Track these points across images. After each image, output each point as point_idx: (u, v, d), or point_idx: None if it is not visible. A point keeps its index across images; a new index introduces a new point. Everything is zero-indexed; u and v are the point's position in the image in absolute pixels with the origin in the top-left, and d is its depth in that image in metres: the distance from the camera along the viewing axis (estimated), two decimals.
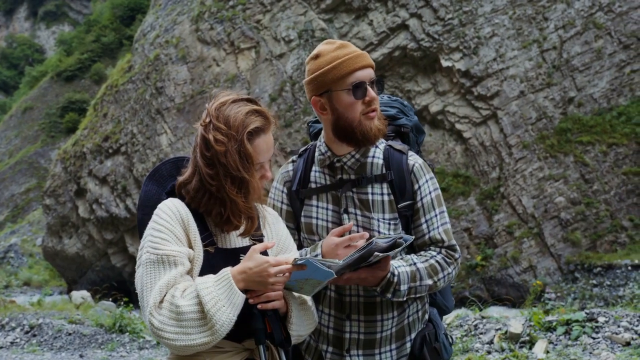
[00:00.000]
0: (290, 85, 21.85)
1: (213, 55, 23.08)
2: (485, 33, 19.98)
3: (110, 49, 50.59)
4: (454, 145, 20.24)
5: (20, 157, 52.03)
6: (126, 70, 25.71)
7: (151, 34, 25.49)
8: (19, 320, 9.95)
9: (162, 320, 1.86)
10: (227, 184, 1.98)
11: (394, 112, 2.62)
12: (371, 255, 2.03)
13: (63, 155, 26.85)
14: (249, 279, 1.91)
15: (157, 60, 24.05)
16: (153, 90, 23.64)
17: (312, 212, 2.41)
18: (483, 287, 18.52)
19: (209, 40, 23.30)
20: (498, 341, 5.60)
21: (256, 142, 2.03)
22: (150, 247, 1.96)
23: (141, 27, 27.49)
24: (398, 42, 20.99)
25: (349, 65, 2.26)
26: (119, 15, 52.00)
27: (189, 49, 23.54)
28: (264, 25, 22.75)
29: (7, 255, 35.53)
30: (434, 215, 2.37)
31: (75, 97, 49.64)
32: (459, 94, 20.19)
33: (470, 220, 19.11)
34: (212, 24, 23.34)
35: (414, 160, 2.41)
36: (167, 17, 25.18)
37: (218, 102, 2.08)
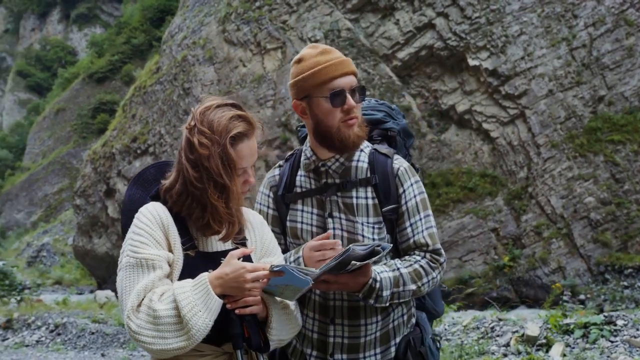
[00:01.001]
0: None
1: (239, 55, 23.19)
2: (513, 31, 19.75)
3: (140, 51, 51.18)
4: (481, 145, 20.05)
5: (53, 157, 52.97)
6: (154, 71, 25.99)
7: (179, 36, 25.72)
8: (44, 319, 10.13)
9: (139, 324, 1.86)
10: (209, 188, 2.00)
11: (381, 116, 2.62)
12: (349, 264, 2.01)
13: (93, 156, 27.23)
14: (226, 284, 1.91)
15: (184, 62, 24.26)
16: (180, 91, 23.85)
17: (297, 217, 2.41)
18: (511, 288, 18.32)
19: (236, 41, 23.41)
20: (514, 344, 5.52)
21: (239, 147, 2.04)
22: (130, 251, 1.97)
23: (169, 29, 27.77)
24: (424, 41, 20.86)
25: (329, 72, 2.25)
26: (149, 17, 52.53)
27: (216, 49, 23.69)
28: (290, 26, 22.79)
29: (39, 255, 36.18)
30: (418, 219, 2.35)
31: (106, 98, 50.35)
32: (486, 93, 19.99)
33: (497, 221, 18.91)
34: (239, 25, 23.46)
35: (399, 164, 2.39)
36: (194, 18, 25.38)
37: (203, 106, 2.10)
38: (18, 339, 9.76)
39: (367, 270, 2.12)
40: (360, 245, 2.05)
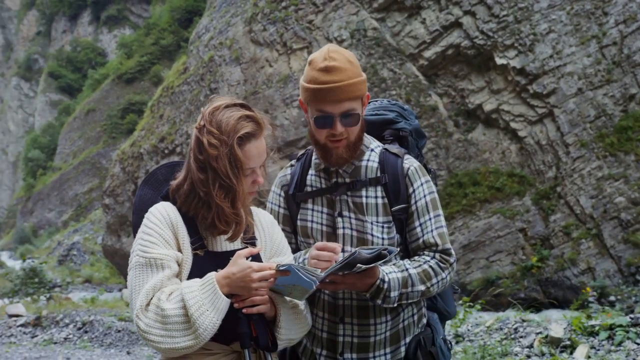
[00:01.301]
0: None
1: (266, 56, 23.26)
2: (542, 29, 19.53)
3: (169, 51, 51.66)
4: (508, 145, 19.86)
5: (84, 157, 53.74)
6: (181, 72, 26.21)
7: (205, 36, 25.90)
8: (72, 317, 10.27)
9: (148, 323, 1.89)
10: (215, 188, 2.00)
11: (393, 116, 2.60)
12: (354, 266, 2.01)
13: (121, 156, 27.55)
14: (233, 284, 1.92)
15: (211, 62, 24.42)
16: (207, 92, 24.01)
17: (308, 216, 2.41)
18: (539, 289, 18.13)
19: (262, 41, 23.49)
20: (538, 345, 5.45)
21: (246, 148, 2.03)
22: (140, 250, 1.99)
23: (196, 30, 27.98)
24: (451, 40, 20.73)
25: (319, 96, 2.22)
26: (177, 18, 53.00)
27: (242, 50, 23.80)
28: (316, 26, 22.80)
29: (70, 253, 36.71)
30: (428, 219, 2.34)
31: (135, 98, 50.93)
32: (514, 92, 19.80)
33: (525, 221, 18.72)
34: (265, 25, 23.54)
35: (409, 164, 2.38)
36: (221, 19, 25.53)
37: (212, 106, 2.11)
38: (47, 336, 9.92)
39: (374, 272, 2.11)
40: (367, 249, 2.05)
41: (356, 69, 2.26)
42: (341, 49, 2.28)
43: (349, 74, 2.22)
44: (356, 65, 2.27)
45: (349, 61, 2.25)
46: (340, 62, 2.21)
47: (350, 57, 2.27)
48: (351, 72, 2.23)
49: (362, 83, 2.27)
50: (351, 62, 2.25)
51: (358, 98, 2.26)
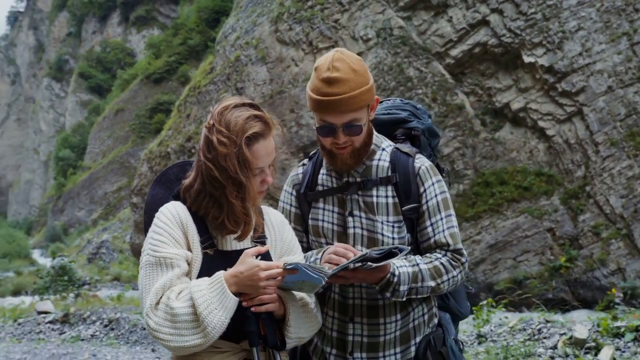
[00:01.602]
0: None
1: (292, 55, 23.31)
2: (571, 27, 19.28)
3: (196, 51, 52.01)
4: (536, 143, 19.65)
5: (113, 157, 54.41)
6: (208, 71, 26.38)
7: (232, 36, 26.03)
8: (99, 314, 10.41)
9: (157, 321, 1.91)
10: (227, 186, 2.01)
11: (405, 115, 2.59)
12: (364, 264, 2.03)
13: (149, 155, 27.82)
14: (241, 282, 1.93)
15: (237, 62, 24.53)
16: (234, 91, 24.11)
17: (319, 215, 2.41)
18: (567, 290, 17.92)
19: (288, 41, 23.54)
20: (562, 346, 5.38)
21: (254, 147, 2.04)
22: (150, 250, 2.01)
23: (222, 29, 28.14)
24: (478, 38, 20.57)
25: (322, 109, 2.21)
26: (205, 18, 53.32)
27: (269, 49, 23.86)
28: (342, 25, 22.79)
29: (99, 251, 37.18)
30: (439, 219, 2.33)
31: (163, 98, 51.38)
32: (542, 91, 19.58)
33: (553, 220, 18.51)
34: (291, 25, 23.58)
35: (420, 163, 2.37)
36: (247, 18, 25.64)
37: (221, 106, 2.11)
38: (74, 333, 10.06)
39: (385, 266, 2.12)
40: (378, 250, 2.06)
41: (361, 78, 2.22)
42: (347, 55, 2.23)
43: (352, 85, 2.18)
44: (361, 73, 2.22)
45: (353, 70, 2.20)
46: (343, 72, 2.18)
47: (355, 64, 2.22)
48: (354, 83, 2.19)
49: (366, 92, 2.23)
50: (356, 70, 2.20)
51: (362, 108, 2.24)
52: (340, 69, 2.19)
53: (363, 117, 2.25)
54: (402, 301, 2.31)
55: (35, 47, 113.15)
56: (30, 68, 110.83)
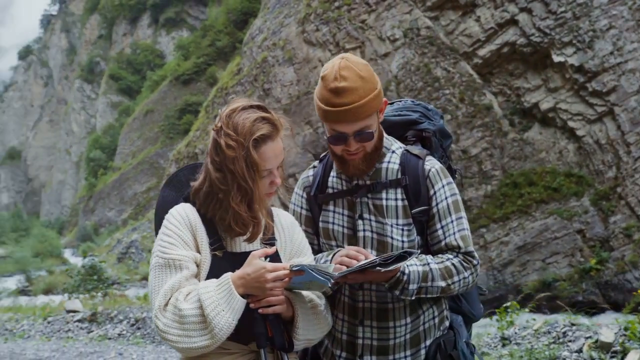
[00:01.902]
0: (395, 85, 21.72)
1: (318, 56, 23.33)
2: (602, 25, 18.98)
3: (224, 53, 52.32)
4: (566, 144, 19.39)
5: (142, 157, 54.99)
6: (235, 73, 26.53)
7: (259, 37, 26.14)
8: (126, 313, 10.51)
9: (166, 322, 1.91)
10: (232, 190, 2.01)
11: (416, 117, 2.56)
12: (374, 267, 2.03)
13: (177, 156, 28.08)
14: (248, 284, 1.93)
15: (264, 63, 24.62)
16: (261, 92, 24.22)
17: (329, 218, 2.40)
18: (598, 292, 17.63)
19: (315, 42, 23.57)
20: (587, 350, 5.29)
21: (262, 150, 2.04)
22: (159, 252, 2.02)
23: (250, 31, 28.27)
24: (507, 38, 20.38)
25: (331, 119, 2.19)
26: (233, 19, 53.62)
27: (295, 50, 23.92)
28: (369, 25, 22.75)
29: (128, 251, 37.51)
30: (450, 221, 2.30)
31: (191, 99, 51.80)
32: (572, 90, 19.32)
33: (583, 222, 18.24)
34: (318, 26, 23.60)
35: (430, 165, 2.33)
36: (275, 20, 25.73)
37: (229, 108, 2.11)
38: (101, 332, 10.18)
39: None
40: (387, 256, 2.04)
41: (369, 84, 2.18)
42: (353, 62, 2.19)
43: (361, 94, 2.15)
44: (369, 79, 2.18)
45: (361, 77, 2.16)
46: (351, 81, 2.14)
47: (362, 70, 2.18)
48: (363, 90, 2.16)
49: (375, 99, 2.20)
50: (363, 77, 2.16)
51: (372, 114, 2.21)
52: (347, 77, 2.15)
53: (374, 123, 2.24)
54: (412, 304, 2.31)
55: (68, 49, 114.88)
56: (63, 70, 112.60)
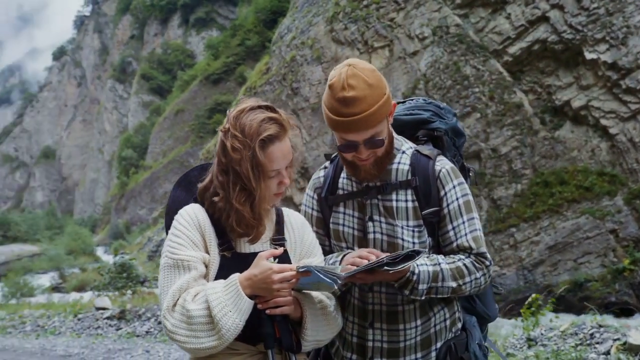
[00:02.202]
0: (424, 83, 21.59)
1: (347, 54, 23.27)
2: (636, 22, 18.62)
3: (254, 52, 52.49)
4: (598, 142, 19.07)
5: (173, 156, 55.47)
6: (264, 72, 26.60)
7: (287, 36, 26.18)
8: (153, 311, 10.62)
9: (174, 323, 1.92)
10: (235, 191, 2.02)
11: (427, 116, 2.52)
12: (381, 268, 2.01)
13: (207, 155, 28.26)
14: (255, 285, 1.93)
15: (292, 62, 24.65)
16: (289, 91, 24.25)
17: (339, 219, 2.38)
18: (632, 293, 17.31)
19: (343, 40, 23.52)
20: (615, 352, 5.18)
21: (269, 150, 2.03)
22: (168, 252, 2.03)
23: (278, 30, 28.33)
24: (538, 35, 20.10)
25: (341, 128, 2.17)
26: (262, 18, 53.76)
27: (324, 49, 23.90)
28: (398, 23, 22.63)
29: (159, 249, 37.88)
30: (461, 222, 2.26)
31: (221, 99, 52.10)
32: (605, 88, 18.98)
33: (616, 222, 17.93)
34: (346, 24, 23.55)
35: (441, 166, 2.30)
36: (303, 19, 25.74)
37: (237, 109, 2.12)
38: (130, 329, 10.30)
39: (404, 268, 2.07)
40: (394, 255, 2.02)
41: (377, 90, 2.15)
42: (360, 68, 2.15)
43: (370, 102, 2.11)
44: (377, 85, 2.15)
45: (369, 85, 2.12)
46: (359, 90, 2.11)
47: (370, 77, 2.14)
48: (372, 98, 2.12)
49: (384, 105, 2.16)
50: (371, 84, 2.13)
51: (382, 120, 2.18)
52: (355, 86, 2.11)
53: (384, 129, 2.21)
54: (423, 306, 2.28)
55: (100, 50, 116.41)
56: (95, 70, 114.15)
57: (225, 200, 2.04)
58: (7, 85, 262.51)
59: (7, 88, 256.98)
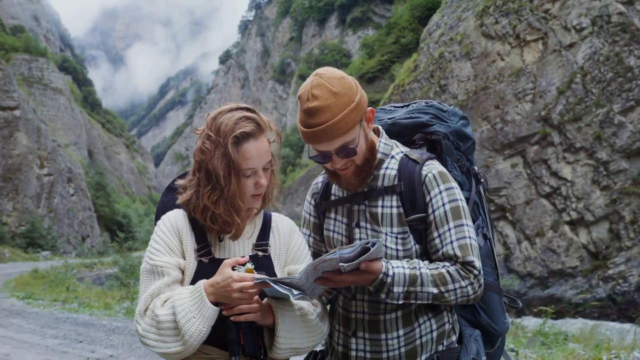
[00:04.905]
0: (580, 77, 20.35)
1: (497, 49, 22.50)
2: None
3: (408, 49, 52.27)
4: None
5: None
6: (412, 69, 26.41)
7: (436, 33, 25.79)
8: None
9: (144, 327, 1.98)
10: (206, 189, 2.03)
11: (426, 119, 2.41)
12: (335, 267, 1.95)
13: None
14: (217, 292, 1.94)
15: (441, 58, 24.24)
16: (437, 88, 23.88)
17: (331, 225, 2.36)
18: None
19: (494, 35, 22.76)
20: None
21: (243, 147, 2.02)
22: (147, 257, 2.09)
23: (427, 27, 28.02)
24: None
25: (310, 140, 2.13)
26: (417, 15, 53.43)
27: (473, 44, 23.27)
28: (553, 15, 21.52)
29: None
30: (447, 230, 2.13)
31: (375, 97, 52.35)
32: None
33: None
34: (497, 18, 22.76)
35: (427, 170, 2.18)
36: (452, 14, 25.23)
37: (216, 111, 2.12)
38: None
39: (373, 267, 2.01)
40: (348, 248, 1.96)
41: (343, 99, 2.09)
42: (326, 77, 2.12)
43: (334, 111, 2.07)
44: (343, 93, 2.10)
45: (333, 93, 2.07)
46: (322, 99, 2.07)
47: (335, 86, 2.10)
48: (336, 107, 2.07)
49: (352, 112, 2.10)
50: (336, 93, 2.08)
51: (352, 128, 2.11)
52: (319, 96, 2.08)
53: (355, 137, 2.14)
54: (406, 316, 2.21)
55: (262, 52, 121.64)
56: (257, 72, 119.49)
57: (197, 198, 2.06)
58: (180, 88, 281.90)
59: (179, 91, 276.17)
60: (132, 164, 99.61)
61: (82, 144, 76.62)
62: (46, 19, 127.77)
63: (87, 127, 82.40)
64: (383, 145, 2.26)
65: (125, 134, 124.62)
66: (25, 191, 45.79)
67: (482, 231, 2.39)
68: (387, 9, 75.91)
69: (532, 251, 21.09)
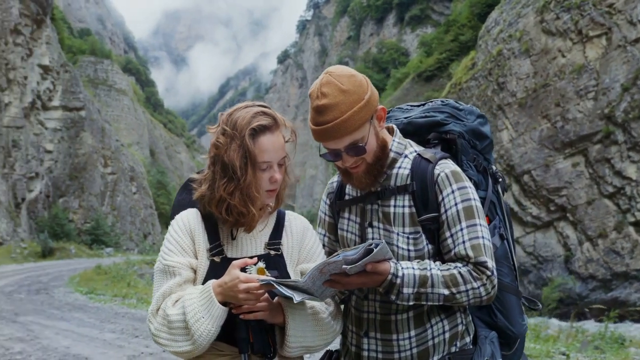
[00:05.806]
0: None
1: (558, 46, 21.96)
2: None
3: (467, 47, 51.51)
4: None
5: None
6: (469, 67, 26.06)
7: (494, 30, 25.36)
8: None
9: (156, 327, 2.01)
10: (222, 180, 2.04)
11: (441, 118, 2.37)
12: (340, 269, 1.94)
13: None
14: (225, 292, 1.96)
15: (499, 56, 23.82)
16: (495, 86, 23.48)
17: (344, 225, 2.35)
18: None
19: (554, 31, 22.22)
20: None
21: (260, 140, 2.04)
22: (160, 257, 2.12)
23: (485, 24, 27.60)
24: None
25: (319, 138, 2.14)
26: (477, 12, 52.64)
27: (533, 41, 22.78)
28: (618, 9, 20.85)
29: None
30: (459, 229, 2.10)
31: (433, 95, 51.81)
32: None
33: None
34: (558, 13, 22.21)
35: (440, 170, 2.15)
36: (511, 11, 24.76)
37: (232, 109, 2.15)
38: None
39: (381, 269, 1.99)
40: (352, 249, 1.94)
41: (353, 97, 2.09)
42: (336, 75, 2.11)
43: (342, 109, 2.06)
44: (353, 91, 2.09)
45: (343, 91, 2.07)
46: (331, 97, 2.08)
47: (345, 83, 2.09)
48: (345, 105, 2.06)
49: (362, 110, 2.09)
50: (345, 91, 2.08)
51: (361, 126, 2.11)
52: (328, 94, 2.08)
53: (365, 135, 2.13)
54: (418, 317, 2.18)
55: (319, 51, 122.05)
56: (315, 72, 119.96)
57: (212, 190, 2.07)
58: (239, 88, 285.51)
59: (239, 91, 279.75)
60: (192, 163, 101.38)
61: (144, 144, 78.52)
62: (111, 22, 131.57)
63: (149, 127, 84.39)
64: (396, 144, 2.25)
65: (186, 133, 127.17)
66: (90, 189, 47.24)
67: (499, 231, 2.34)
68: (447, 6, 75.08)
69: (595, 253, 20.51)
